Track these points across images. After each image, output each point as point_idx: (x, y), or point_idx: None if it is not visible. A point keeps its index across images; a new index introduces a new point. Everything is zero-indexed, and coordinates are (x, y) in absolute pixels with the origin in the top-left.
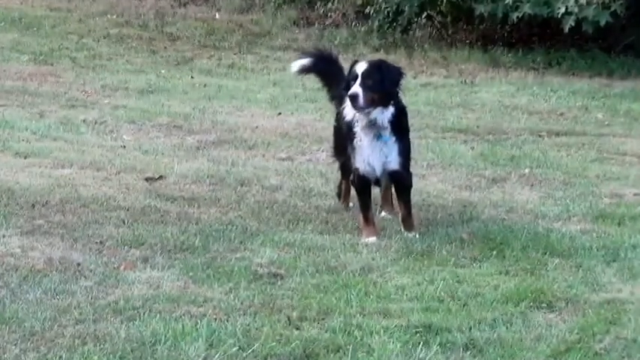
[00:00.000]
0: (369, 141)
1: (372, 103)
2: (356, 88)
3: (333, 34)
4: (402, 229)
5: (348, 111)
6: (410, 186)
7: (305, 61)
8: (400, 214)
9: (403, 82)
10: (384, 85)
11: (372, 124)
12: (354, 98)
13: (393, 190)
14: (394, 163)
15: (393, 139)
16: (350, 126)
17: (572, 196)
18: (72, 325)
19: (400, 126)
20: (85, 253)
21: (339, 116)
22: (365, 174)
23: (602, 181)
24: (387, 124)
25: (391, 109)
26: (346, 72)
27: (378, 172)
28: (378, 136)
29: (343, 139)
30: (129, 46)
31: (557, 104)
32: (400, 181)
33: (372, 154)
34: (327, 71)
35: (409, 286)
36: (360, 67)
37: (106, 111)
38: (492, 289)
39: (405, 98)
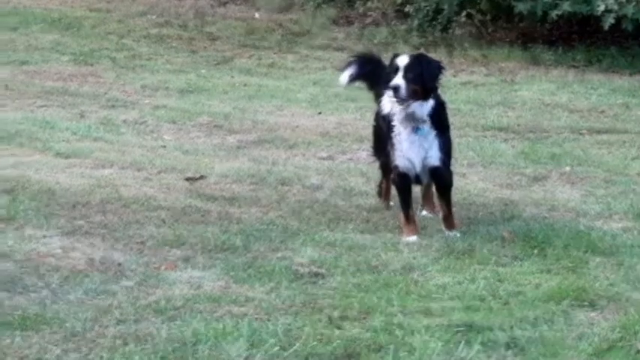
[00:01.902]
0: (407, 134)
1: (413, 96)
2: (398, 79)
3: (373, 33)
4: (443, 228)
5: (386, 104)
6: (450, 184)
7: (352, 71)
8: (441, 213)
9: (443, 76)
10: (424, 78)
11: (411, 117)
12: (396, 89)
13: (433, 188)
14: (434, 159)
15: (433, 133)
16: (388, 120)
17: (613, 194)
18: (113, 325)
19: (440, 120)
20: (126, 253)
21: (377, 114)
22: (405, 171)
23: None
24: (426, 117)
25: (431, 102)
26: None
27: (418, 167)
28: (417, 129)
29: (382, 137)
30: (169, 46)
31: (598, 102)
32: (440, 178)
33: (411, 149)
34: (373, 74)
35: (450, 285)
36: (402, 60)
37: (146, 111)
38: (534, 287)
39: (445, 96)
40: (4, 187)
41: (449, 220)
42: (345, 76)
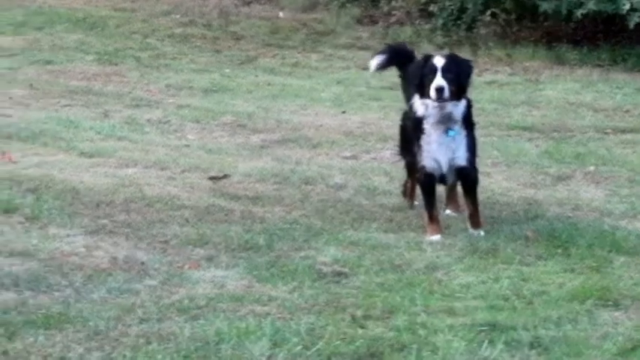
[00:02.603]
0: (437, 136)
1: (451, 96)
2: (440, 80)
3: (397, 32)
4: (469, 226)
5: (419, 106)
6: (476, 182)
7: (383, 57)
8: (467, 211)
9: (473, 75)
10: (461, 78)
11: (446, 118)
12: (440, 90)
13: (458, 187)
14: (462, 159)
15: (463, 133)
16: (419, 122)
17: (637, 194)
18: (136, 324)
19: (469, 120)
20: (150, 252)
21: (406, 114)
22: (431, 171)
23: None
24: (459, 117)
25: (463, 102)
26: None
27: (445, 168)
28: (448, 131)
29: (410, 137)
30: (193, 45)
31: (623, 101)
32: (467, 177)
33: (439, 150)
34: (404, 63)
35: (474, 284)
36: (439, 61)
37: (170, 110)
38: (558, 287)
39: (471, 95)
40: (29, 186)
41: (475, 219)
42: (375, 61)
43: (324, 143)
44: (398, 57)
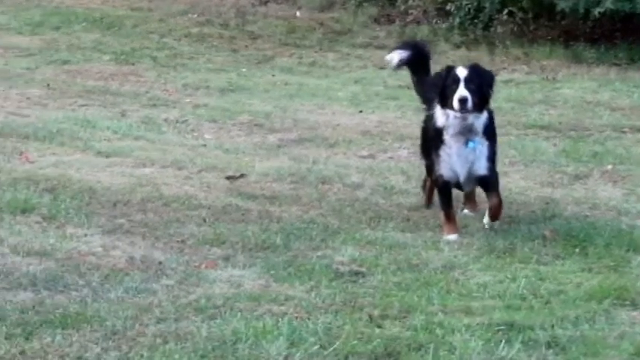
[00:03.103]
0: (457, 148)
1: (474, 108)
2: (464, 91)
3: (414, 31)
4: (486, 218)
5: (440, 116)
6: (497, 184)
7: (406, 54)
8: (490, 203)
9: (495, 86)
10: (484, 89)
11: (468, 130)
12: (464, 101)
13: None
14: (482, 169)
15: (485, 144)
16: (439, 132)
17: None
18: (153, 323)
19: (490, 131)
20: (167, 251)
21: (427, 119)
22: (448, 179)
23: None
24: (481, 129)
25: (485, 114)
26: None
27: (462, 178)
28: (467, 142)
29: (430, 141)
30: (210, 44)
31: None
32: (488, 183)
33: (458, 161)
34: (420, 65)
35: (491, 283)
36: (462, 72)
37: (187, 110)
38: (575, 286)
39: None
40: (46, 186)
41: (496, 210)
42: (396, 57)
43: (341, 142)
44: (418, 56)
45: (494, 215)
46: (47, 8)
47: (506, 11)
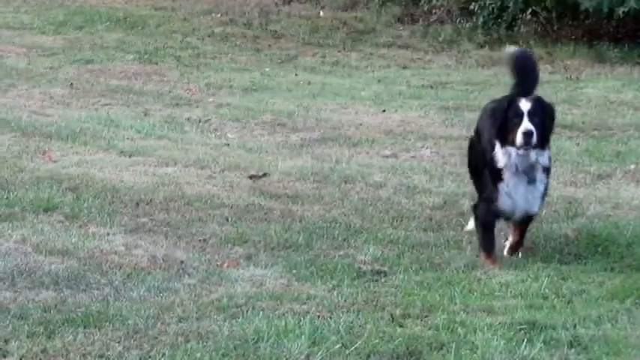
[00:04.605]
0: (518, 186)
1: (539, 143)
2: (529, 125)
3: (438, 30)
4: (505, 252)
5: (501, 156)
6: (533, 219)
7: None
8: (512, 238)
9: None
10: (546, 124)
11: (531, 167)
12: (529, 135)
13: None
14: (536, 207)
15: (544, 182)
16: (499, 171)
17: None
18: (175, 322)
19: (549, 168)
20: (189, 251)
21: (476, 132)
22: (501, 215)
23: None
24: (544, 165)
25: (548, 151)
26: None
27: (517, 215)
28: (530, 181)
29: (479, 159)
30: (233, 44)
31: None
32: (531, 218)
33: (518, 200)
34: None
35: (513, 283)
36: (525, 105)
37: (210, 109)
38: (597, 285)
39: None
40: (69, 185)
41: (516, 247)
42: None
43: (364, 142)
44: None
45: (513, 250)
46: (70, 8)
47: (529, 11)
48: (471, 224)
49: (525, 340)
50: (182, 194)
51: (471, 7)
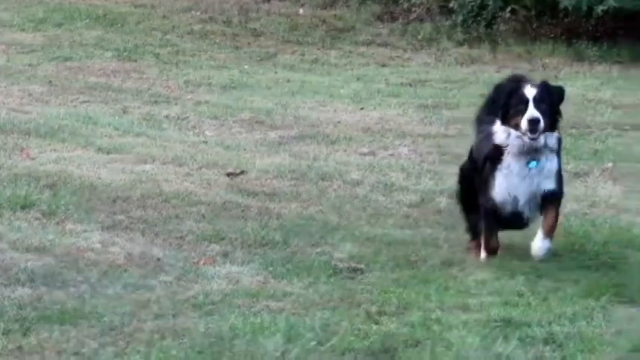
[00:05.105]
0: (516, 166)
1: (546, 128)
2: (535, 112)
3: (417, 29)
4: (540, 235)
5: (500, 134)
6: (560, 199)
7: None
8: (544, 221)
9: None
10: (554, 108)
11: (535, 150)
12: (535, 122)
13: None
14: (549, 185)
15: (553, 160)
16: (497, 150)
17: None
18: (151, 319)
19: (560, 149)
20: (165, 248)
21: (466, 161)
22: (501, 205)
23: None
24: (554, 148)
25: (556, 133)
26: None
27: (522, 201)
28: (530, 162)
29: (474, 183)
30: (212, 42)
31: None
32: (552, 200)
33: (519, 184)
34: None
35: (489, 280)
36: (531, 91)
37: (188, 107)
38: (573, 283)
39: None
40: (46, 182)
41: (550, 229)
42: None
43: (342, 140)
44: None
45: (549, 231)
46: (50, 5)
47: (509, 9)
48: None
49: (501, 338)
50: (159, 191)
51: (451, 5)
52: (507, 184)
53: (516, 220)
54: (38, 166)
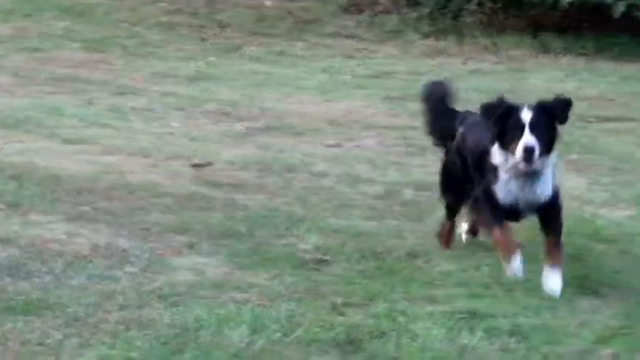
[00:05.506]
0: (514, 181)
1: (542, 154)
2: (530, 138)
3: (384, 20)
4: (547, 263)
5: (498, 156)
6: (560, 210)
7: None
8: (546, 245)
9: (571, 111)
10: (554, 131)
11: (531, 174)
12: (530, 152)
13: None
14: (543, 197)
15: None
16: (495, 168)
17: (619, 182)
18: (116, 310)
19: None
20: (131, 239)
21: (450, 150)
22: (502, 205)
23: None
24: (548, 168)
25: (555, 152)
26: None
27: (524, 207)
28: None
29: (455, 173)
30: (179, 33)
31: (607, 90)
32: (552, 212)
33: (517, 192)
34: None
35: (455, 272)
36: (527, 115)
37: (154, 98)
38: (538, 275)
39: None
40: (11, 173)
41: (555, 253)
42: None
43: (308, 131)
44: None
45: (555, 258)
46: None
47: (475, 1)
48: (464, 227)
49: (466, 329)
50: (125, 183)
51: None
52: (505, 194)
53: (513, 217)
54: (3, 157)
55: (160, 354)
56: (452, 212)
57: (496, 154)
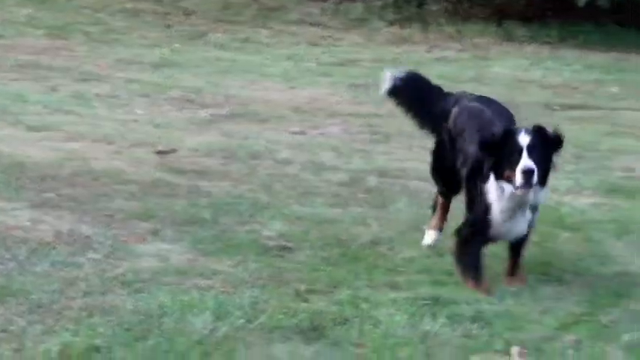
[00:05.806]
0: (508, 222)
1: (539, 181)
2: (529, 162)
3: (349, 8)
4: (505, 280)
5: (493, 192)
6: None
7: (396, 81)
8: (508, 263)
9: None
10: (550, 159)
11: (525, 205)
12: (529, 174)
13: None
14: (524, 231)
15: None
16: (488, 207)
17: (583, 170)
18: (79, 297)
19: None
20: (94, 226)
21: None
22: (489, 240)
23: (614, 154)
24: (540, 203)
25: (546, 188)
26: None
27: (509, 239)
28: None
29: (448, 155)
30: (143, 20)
31: (571, 78)
32: (523, 241)
33: (507, 230)
34: (418, 100)
35: (418, 258)
36: (525, 139)
37: (119, 85)
38: (501, 262)
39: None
40: None
41: (515, 272)
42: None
43: (272, 118)
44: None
45: (516, 278)
46: None
47: None
48: (427, 238)
49: (429, 315)
50: (89, 169)
51: None
52: (495, 231)
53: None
54: None
55: (123, 340)
56: (446, 196)
57: (491, 189)
